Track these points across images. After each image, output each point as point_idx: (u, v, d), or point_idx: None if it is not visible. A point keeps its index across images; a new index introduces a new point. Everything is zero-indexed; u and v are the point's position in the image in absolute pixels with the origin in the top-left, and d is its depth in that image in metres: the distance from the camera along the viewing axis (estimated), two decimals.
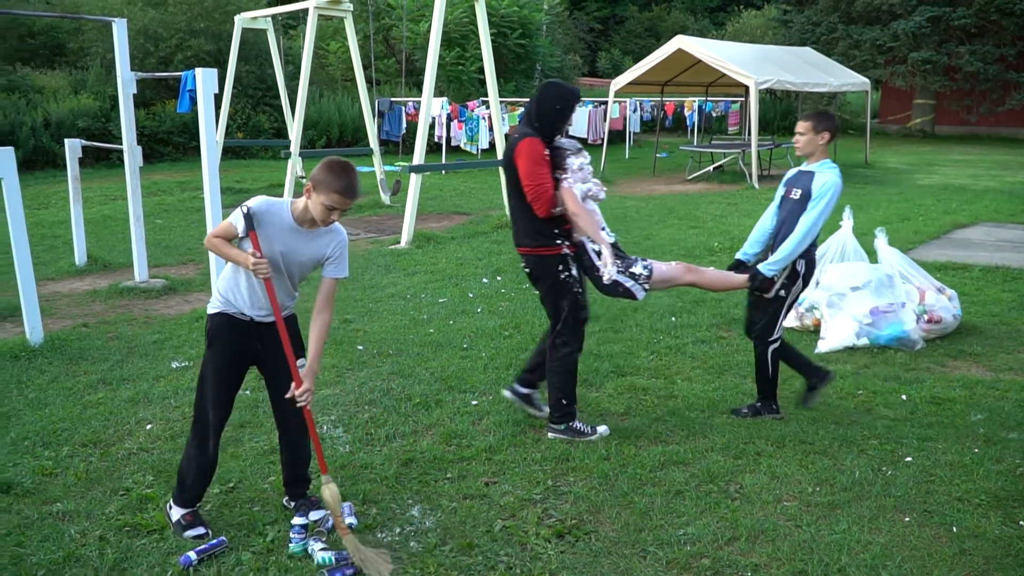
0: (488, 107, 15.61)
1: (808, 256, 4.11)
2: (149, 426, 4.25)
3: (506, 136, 3.82)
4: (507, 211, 10.50)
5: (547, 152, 3.93)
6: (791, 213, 4.09)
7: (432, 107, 10.22)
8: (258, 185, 13.94)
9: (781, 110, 26.76)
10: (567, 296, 4.00)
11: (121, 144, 7.30)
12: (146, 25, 18.25)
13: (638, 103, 22.60)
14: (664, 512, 3.37)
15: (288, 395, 3.15)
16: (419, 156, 9.67)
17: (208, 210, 6.28)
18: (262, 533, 3.20)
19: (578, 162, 3.97)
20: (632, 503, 3.44)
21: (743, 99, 19.14)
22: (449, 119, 18.05)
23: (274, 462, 3.69)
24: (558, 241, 3.96)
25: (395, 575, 2.94)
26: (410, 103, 18.81)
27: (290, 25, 23.11)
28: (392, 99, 18.45)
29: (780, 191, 4.25)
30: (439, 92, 19.33)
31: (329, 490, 3.12)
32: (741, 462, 3.82)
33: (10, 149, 5.41)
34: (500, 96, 11.52)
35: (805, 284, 4.17)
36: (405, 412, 4.42)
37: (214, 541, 3.09)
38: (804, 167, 4.15)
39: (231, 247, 3.11)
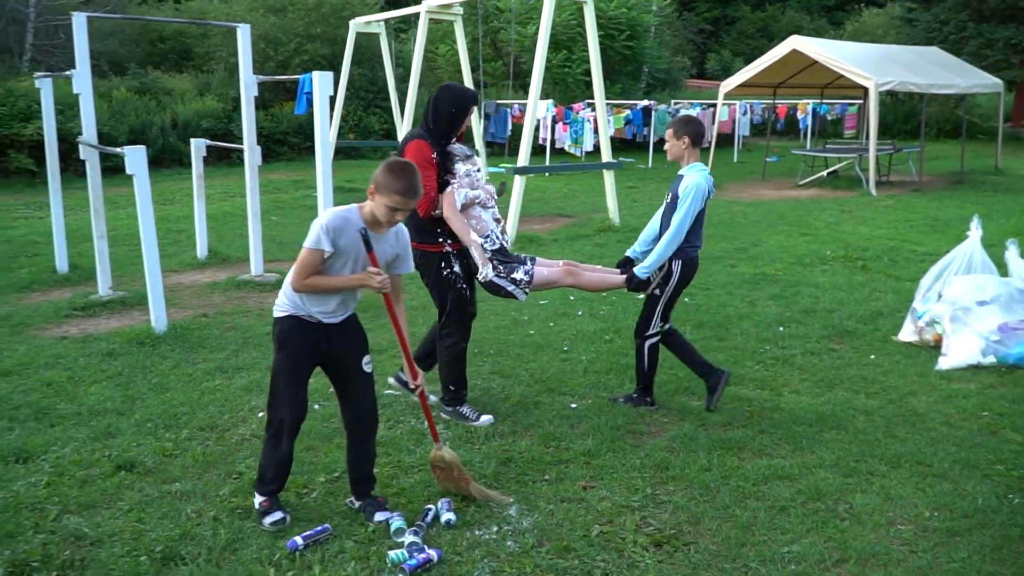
0: (593, 109, 15.59)
1: (686, 256, 4.28)
2: (261, 414, 4.43)
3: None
4: (611, 214, 10.44)
5: (435, 156, 4.08)
6: (665, 216, 4.32)
7: (538, 109, 10.23)
8: (368, 185, 14.31)
9: (904, 112, 25.42)
10: (450, 291, 4.22)
11: (242, 144, 7.64)
12: (267, 30, 19.11)
13: (748, 106, 22.01)
14: (767, 528, 3.26)
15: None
16: (524, 158, 9.73)
17: (320, 208, 6.49)
18: (364, 524, 3.29)
19: (464, 168, 4.17)
20: (734, 516, 3.35)
21: (861, 101, 18.34)
22: (554, 121, 18.09)
23: (379, 452, 3.77)
24: (440, 240, 4.17)
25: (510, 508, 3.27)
26: (516, 105, 18.97)
27: (401, 29, 23.69)
28: (498, 101, 18.65)
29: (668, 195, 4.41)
30: (545, 94, 19.38)
31: (447, 452, 3.51)
32: (851, 481, 3.65)
33: (142, 148, 5.75)
34: (606, 98, 11.45)
35: (685, 283, 4.34)
36: (504, 412, 4.45)
37: (319, 528, 3.19)
38: (680, 171, 4.32)
39: (330, 278, 3.14)
